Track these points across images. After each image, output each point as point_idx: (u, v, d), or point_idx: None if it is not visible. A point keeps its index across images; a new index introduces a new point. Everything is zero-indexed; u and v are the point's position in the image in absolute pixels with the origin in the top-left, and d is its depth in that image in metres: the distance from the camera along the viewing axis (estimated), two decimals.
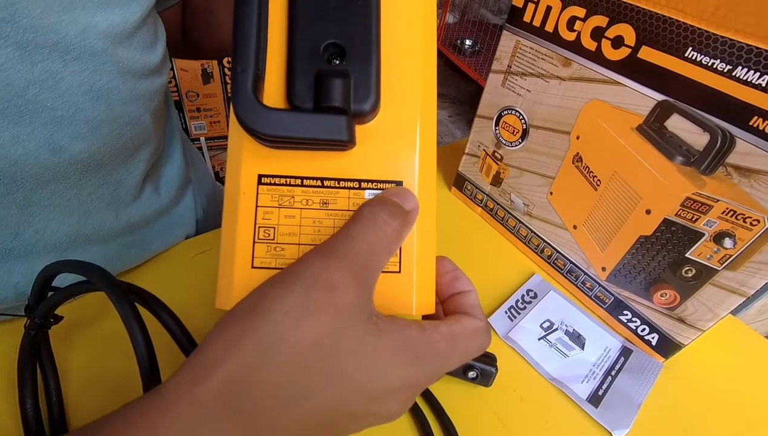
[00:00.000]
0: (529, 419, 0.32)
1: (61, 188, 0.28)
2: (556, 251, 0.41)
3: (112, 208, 0.33)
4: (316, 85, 0.18)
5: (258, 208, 0.19)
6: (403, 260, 0.19)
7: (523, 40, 0.37)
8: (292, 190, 0.19)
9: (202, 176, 0.48)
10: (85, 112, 0.26)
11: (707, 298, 0.32)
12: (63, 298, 0.26)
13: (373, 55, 0.18)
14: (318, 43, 0.18)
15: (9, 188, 0.26)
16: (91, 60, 0.25)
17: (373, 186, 0.19)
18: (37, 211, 0.28)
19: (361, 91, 0.18)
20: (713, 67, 0.27)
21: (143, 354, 0.22)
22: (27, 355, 0.26)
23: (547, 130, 0.38)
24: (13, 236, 0.28)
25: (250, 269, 0.18)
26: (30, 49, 0.23)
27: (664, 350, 0.36)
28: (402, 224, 0.18)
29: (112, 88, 0.27)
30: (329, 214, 0.19)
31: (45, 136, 0.25)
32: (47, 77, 0.24)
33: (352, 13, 0.18)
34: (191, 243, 0.41)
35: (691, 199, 0.30)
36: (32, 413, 0.25)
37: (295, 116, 0.17)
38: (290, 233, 0.19)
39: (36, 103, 0.24)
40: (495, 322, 0.38)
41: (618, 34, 0.31)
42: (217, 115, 1.15)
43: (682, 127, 0.29)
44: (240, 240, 0.18)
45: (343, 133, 0.17)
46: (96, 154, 0.28)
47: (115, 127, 0.29)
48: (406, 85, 0.19)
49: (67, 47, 0.24)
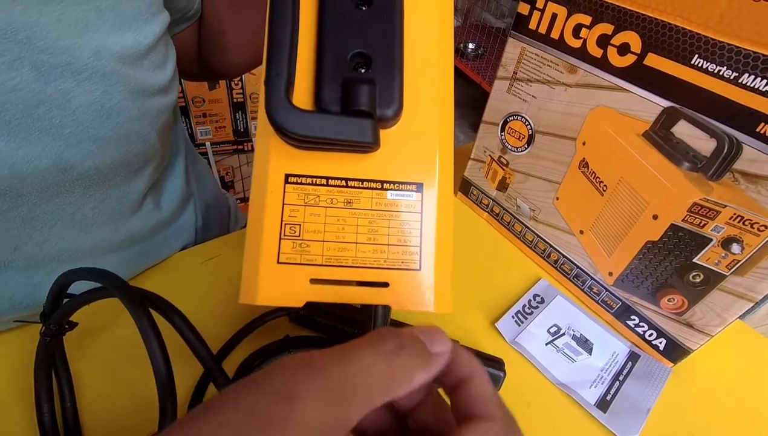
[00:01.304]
0: (537, 423, 0.32)
1: (65, 203, 0.29)
2: (563, 255, 0.41)
3: (112, 222, 0.33)
4: (344, 90, 0.19)
5: (285, 206, 0.19)
6: (423, 258, 0.20)
7: (528, 47, 0.37)
8: (317, 189, 0.20)
9: (205, 185, 0.49)
10: (94, 130, 0.27)
11: (715, 303, 0.32)
12: (78, 305, 0.26)
13: (396, 64, 0.19)
14: (345, 53, 0.19)
15: (14, 202, 0.26)
16: (103, 80, 0.26)
17: (395, 187, 0.20)
18: (39, 225, 0.28)
19: (385, 98, 0.19)
20: (719, 74, 0.27)
21: (158, 359, 0.22)
22: (42, 361, 0.26)
23: (553, 136, 0.38)
24: (13, 248, 0.28)
25: (276, 264, 0.19)
26: (44, 69, 0.23)
27: (672, 355, 0.36)
28: (418, 366, 0.15)
29: (121, 107, 0.27)
30: (353, 213, 0.20)
31: (55, 154, 0.26)
32: (59, 96, 0.24)
33: (377, 25, 0.19)
34: (199, 250, 0.42)
35: (699, 205, 0.30)
36: (48, 419, 0.26)
37: (325, 118, 0.18)
38: (315, 230, 0.19)
39: (45, 121, 0.25)
40: (502, 327, 0.38)
41: (624, 42, 0.31)
42: (223, 121, 1.16)
43: (688, 133, 0.29)
44: (266, 236, 0.19)
45: (369, 135, 0.18)
46: (102, 171, 0.29)
47: (122, 145, 0.29)
48: (426, 93, 0.20)
49: (79, 67, 0.25)
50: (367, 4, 0.19)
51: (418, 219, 0.20)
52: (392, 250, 0.20)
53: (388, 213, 0.20)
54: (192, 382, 0.30)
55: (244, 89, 1.13)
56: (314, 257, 0.19)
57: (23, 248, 0.29)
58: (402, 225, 0.20)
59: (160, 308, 0.25)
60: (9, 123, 0.23)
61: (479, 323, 0.38)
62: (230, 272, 0.39)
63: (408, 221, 0.20)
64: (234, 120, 1.16)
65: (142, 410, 0.29)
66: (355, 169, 0.20)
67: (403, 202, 0.20)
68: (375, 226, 0.20)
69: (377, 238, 0.20)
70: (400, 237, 0.20)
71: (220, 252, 0.41)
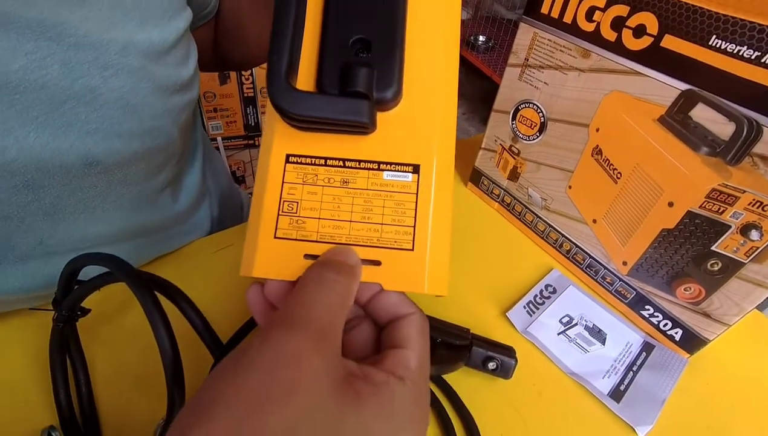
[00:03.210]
0: (548, 413, 0.32)
1: (87, 196, 0.29)
2: (575, 245, 0.41)
3: (131, 214, 0.33)
4: (343, 73, 0.19)
5: (284, 184, 0.20)
6: (416, 237, 0.20)
7: (540, 32, 0.37)
8: (316, 169, 0.20)
9: (220, 179, 0.49)
10: (118, 126, 0.27)
11: (733, 292, 0.31)
12: (88, 290, 0.26)
13: (396, 49, 0.20)
14: (347, 38, 0.20)
15: (37, 195, 0.27)
16: (129, 76, 0.26)
17: (391, 168, 0.20)
18: (62, 217, 0.29)
19: (384, 81, 0.19)
20: (740, 54, 0.26)
21: (165, 343, 0.23)
22: (56, 347, 0.27)
23: (565, 123, 0.38)
24: (38, 242, 0.29)
25: (273, 239, 0.20)
26: (72, 66, 0.24)
27: (688, 346, 0.35)
28: (349, 278, 0.19)
29: (145, 103, 0.28)
30: (348, 193, 0.20)
31: (83, 149, 0.26)
32: (86, 92, 0.25)
33: (380, 12, 0.20)
34: (210, 240, 0.42)
35: (717, 191, 0.29)
36: (65, 402, 0.26)
37: (322, 99, 0.19)
38: (312, 208, 0.20)
39: (72, 116, 0.25)
40: (513, 317, 0.37)
41: (640, 23, 0.30)
42: (234, 116, 1.16)
43: (706, 116, 0.29)
44: (265, 212, 0.20)
45: (365, 115, 0.19)
46: (125, 166, 0.29)
47: (145, 141, 0.29)
48: (427, 77, 0.21)
49: (106, 63, 0.25)
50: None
51: (413, 200, 0.20)
52: (386, 229, 0.20)
53: (384, 193, 0.20)
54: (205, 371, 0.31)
55: (255, 84, 1.14)
56: (309, 233, 0.20)
57: (48, 240, 0.29)
58: (397, 205, 0.20)
59: (167, 292, 0.25)
60: (37, 118, 0.24)
61: (491, 313, 0.38)
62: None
63: (403, 202, 0.20)
64: (245, 114, 1.17)
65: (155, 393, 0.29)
66: (353, 150, 0.20)
67: (399, 183, 0.20)
68: (370, 205, 0.20)
69: (371, 217, 0.20)
70: (395, 217, 0.20)
71: (233, 242, 0.41)
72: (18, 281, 0.29)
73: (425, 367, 0.19)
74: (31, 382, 0.29)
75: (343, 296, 0.18)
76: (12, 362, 0.31)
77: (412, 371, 0.18)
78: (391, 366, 0.18)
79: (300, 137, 0.20)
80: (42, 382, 0.29)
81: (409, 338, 0.19)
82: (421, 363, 0.19)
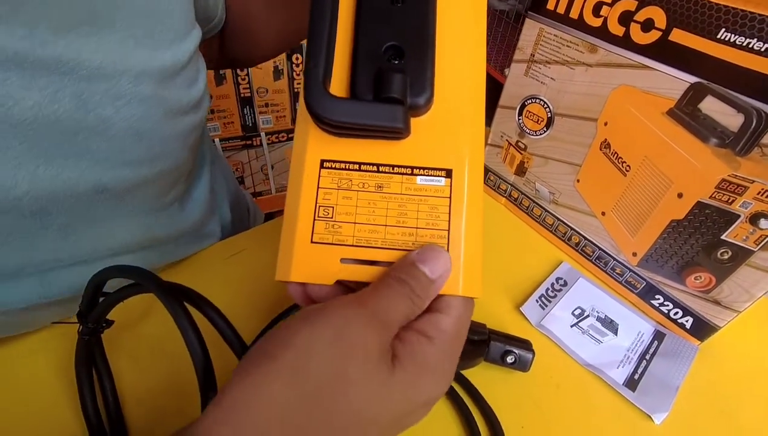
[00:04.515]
0: (566, 404, 0.32)
1: (96, 218, 0.29)
2: (584, 238, 0.41)
3: (141, 229, 0.33)
4: (376, 80, 0.20)
5: (319, 190, 0.20)
6: (450, 241, 0.20)
7: (546, 28, 0.37)
8: (350, 174, 0.21)
9: (228, 182, 0.49)
10: (128, 154, 0.27)
11: (743, 279, 0.32)
12: (114, 302, 0.27)
13: (428, 55, 0.20)
14: (379, 45, 0.20)
15: (44, 222, 0.26)
16: (141, 104, 0.26)
17: (424, 172, 0.21)
18: (71, 237, 0.28)
19: (416, 87, 0.20)
20: (748, 46, 0.26)
21: (197, 352, 0.23)
22: (83, 359, 0.27)
23: (572, 117, 0.38)
24: (50, 258, 0.28)
25: (309, 244, 0.20)
26: (85, 98, 0.23)
27: (699, 333, 0.36)
28: (426, 298, 0.19)
29: (155, 129, 0.27)
30: (383, 197, 0.20)
31: (93, 179, 0.26)
32: (98, 123, 0.24)
33: (410, 19, 0.20)
34: (224, 245, 0.42)
35: (727, 181, 0.30)
36: (93, 413, 0.26)
37: (358, 105, 0.19)
38: (347, 212, 0.20)
39: (83, 147, 0.24)
40: (527, 311, 0.38)
41: (648, 17, 0.30)
42: (231, 117, 1.15)
43: (715, 108, 0.29)
44: (302, 217, 0.20)
45: (400, 121, 0.19)
46: (134, 190, 0.29)
47: (155, 165, 0.29)
48: (457, 83, 0.21)
49: (119, 94, 0.24)
50: (401, 0, 0.20)
51: (447, 204, 0.20)
52: (420, 233, 0.20)
53: (417, 197, 0.21)
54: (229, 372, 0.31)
55: (251, 84, 1.13)
56: (345, 238, 0.20)
57: (60, 254, 0.29)
58: (430, 209, 0.20)
59: (195, 301, 0.25)
60: (47, 150, 0.23)
61: (504, 308, 0.38)
62: (255, 267, 0.40)
63: (436, 206, 0.20)
64: (242, 115, 1.16)
65: (181, 400, 0.29)
66: (386, 156, 0.21)
67: (432, 188, 0.21)
68: (404, 209, 0.20)
69: (406, 221, 0.20)
70: (429, 221, 0.20)
71: (244, 247, 0.41)
72: (36, 288, 0.29)
73: (458, 334, 0.20)
74: (58, 393, 0.30)
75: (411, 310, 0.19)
76: (38, 373, 0.31)
77: (443, 332, 0.19)
78: (424, 327, 0.19)
79: (334, 143, 0.21)
80: (68, 392, 0.29)
81: (449, 305, 0.20)
82: (456, 328, 0.19)
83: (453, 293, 0.20)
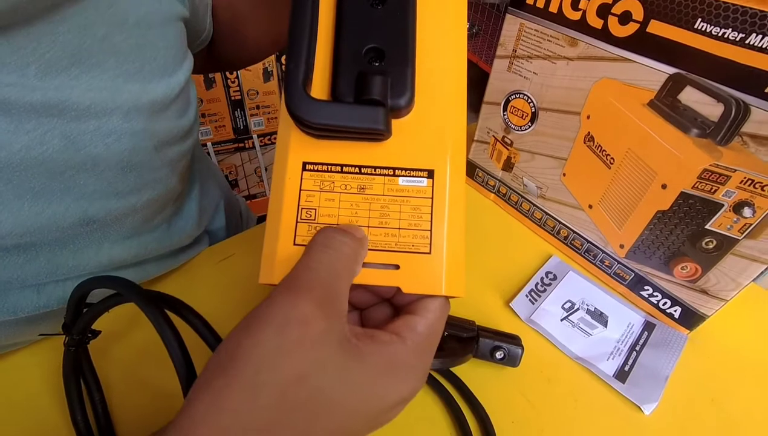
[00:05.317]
0: (557, 398, 0.32)
1: (82, 247, 0.28)
2: (573, 231, 0.42)
3: (130, 249, 0.33)
4: (357, 82, 0.20)
5: (302, 192, 0.21)
6: (433, 241, 0.20)
7: (527, 23, 0.37)
8: (332, 176, 0.21)
9: (220, 189, 0.48)
10: (116, 186, 0.26)
11: (729, 268, 0.32)
12: (97, 313, 0.26)
13: (409, 56, 0.20)
14: (360, 47, 0.20)
15: (30, 255, 0.26)
16: (131, 139, 0.25)
17: (406, 173, 0.21)
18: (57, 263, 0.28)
19: (397, 88, 0.20)
20: (725, 36, 0.26)
21: (179, 358, 0.23)
22: (70, 371, 0.27)
23: (556, 112, 0.38)
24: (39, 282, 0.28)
25: (293, 246, 0.20)
26: (74, 138, 0.23)
27: (688, 323, 0.36)
28: (356, 243, 0.19)
29: (145, 160, 0.27)
30: (365, 199, 0.21)
31: (79, 212, 0.25)
32: (87, 160, 0.24)
33: (391, 22, 0.20)
34: (214, 250, 0.42)
35: (709, 171, 0.30)
36: (82, 423, 0.26)
37: (338, 107, 0.19)
38: (330, 214, 0.20)
39: (69, 183, 0.24)
40: (517, 306, 0.38)
41: (625, 10, 0.30)
42: (222, 120, 1.15)
43: (695, 99, 0.29)
44: (284, 219, 0.20)
45: (380, 123, 0.19)
46: (122, 219, 0.29)
47: (143, 194, 0.29)
48: (438, 83, 0.21)
49: (109, 131, 0.24)
50: (381, 3, 0.20)
51: (429, 204, 0.21)
52: (403, 234, 0.20)
53: (400, 198, 0.21)
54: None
55: (241, 87, 1.13)
56: None
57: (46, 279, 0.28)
58: (413, 210, 0.20)
59: (175, 308, 0.25)
60: (33, 189, 0.23)
61: (494, 304, 0.39)
62: (245, 271, 0.40)
63: (419, 207, 0.20)
64: (233, 118, 1.16)
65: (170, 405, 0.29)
66: (368, 157, 0.21)
67: (414, 188, 0.21)
68: (387, 211, 0.20)
69: (389, 222, 0.20)
70: (411, 221, 0.20)
71: (233, 252, 0.41)
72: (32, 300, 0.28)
73: (432, 335, 0.20)
74: (47, 404, 0.30)
75: (350, 259, 0.19)
76: (28, 386, 0.31)
77: (417, 333, 0.19)
78: (397, 328, 0.19)
79: (315, 145, 0.21)
80: (58, 403, 0.29)
81: (423, 308, 0.20)
82: (429, 331, 0.19)
83: (436, 293, 0.20)
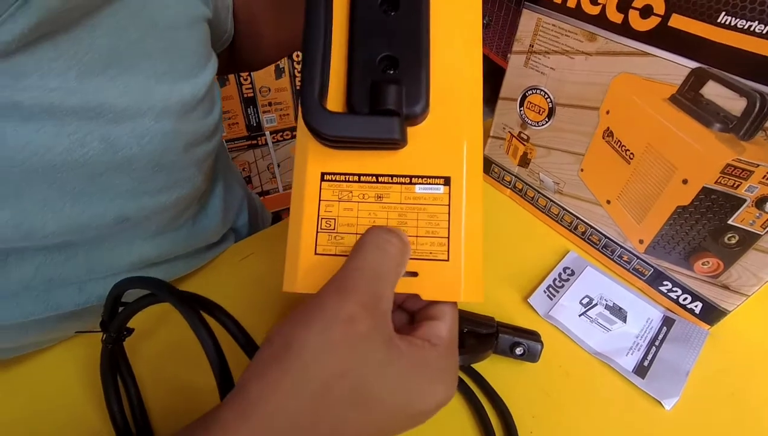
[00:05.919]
0: (576, 393, 0.33)
1: (115, 244, 0.30)
2: (590, 226, 0.41)
3: (155, 248, 0.34)
4: (372, 92, 0.20)
5: (321, 202, 0.21)
6: (451, 248, 0.21)
7: (544, 18, 0.37)
8: (350, 185, 0.21)
9: (241, 187, 0.50)
10: (148, 185, 0.27)
11: (751, 263, 0.32)
12: (132, 311, 0.28)
13: (423, 64, 0.20)
14: (374, 56, 0.20)
15: (69, 254, 0.27)
16: (163, 140, 0.26)
17: (423, 181, 0.21)
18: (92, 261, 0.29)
19: (412, 96, 0.20)
20: (750, 29, 0.26)
21: (215, 359, 0.24)
22: (107, 366, 0.28)
23: (574, 107, 0.38)
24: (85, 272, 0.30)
25: (314, 256, 0.21)
26: (112, 140, 0.24)
27: (708, 318, 0.36)
28: (404, 244, 0.20)
29: (174, 160, 0.28)
30: (383, 207, 0.21)
31: (116, 211, 0.26)
32: (124, 162, 0.25)
33: (404, 29, 0.20)
34: (235, 249, 0.43)
35: (732, 166, 0.30)
36: (119, 418, 0.28)
37: (354, 119, 0.19)
38: (349, 223, 0.21)
39: (107, 184, 0.25)
40: (535, 302, 0.38)
41: (646, 4, 0.30)
42: (235, 117, 1.16)
43: (717, 93, 0.29)
44: (305, 230, 0.21)
45: (396, 132, 0.19)
46: (152, 217, 0.30)
47: (172, 194, 0.30)
48: (453, 90, 0.21)
49: (143, 132, 0.25)
50: (394, 10, 0.20)
51: (446, 211, 0.21)
52: (421, 241, 0.21)
53: (417, 206, 0.21)
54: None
55: (254, 84, 1.13)
56: (348, 249, 0.21)
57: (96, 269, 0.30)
58: (430, 217, 0.21)
59: (209, 309, 0.26)
60: (74, 190, 0.24)
61: (512, 300, 0.39)
62: (266, 269, 0.40)
63: (436, 214, 0.21)
64: (246, 115, 1.17)
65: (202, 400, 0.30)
66: (385, 166, 0.21)
67: (431, 196, 0.21)
68: (404, 218, 0.21)
69: (406, 230, 0.21)
70: (429, 229, 0.21)
71: (253, 251, 0.42)
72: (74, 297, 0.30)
73: (454, 339, 0.21)
74: (85, 399, 0.31)
75: (396, 260, 0.19)
76: (66, 381, 0.32)
77: (444, 338, 0.20)
78: (426, 334, 0.20)
79: (333, 155, 0.21)
80: (94, 398, 0.30)
81: (442, 312, 0.21)
82: (451, 335, 0.20)
83: (455, 299, 0.21)
